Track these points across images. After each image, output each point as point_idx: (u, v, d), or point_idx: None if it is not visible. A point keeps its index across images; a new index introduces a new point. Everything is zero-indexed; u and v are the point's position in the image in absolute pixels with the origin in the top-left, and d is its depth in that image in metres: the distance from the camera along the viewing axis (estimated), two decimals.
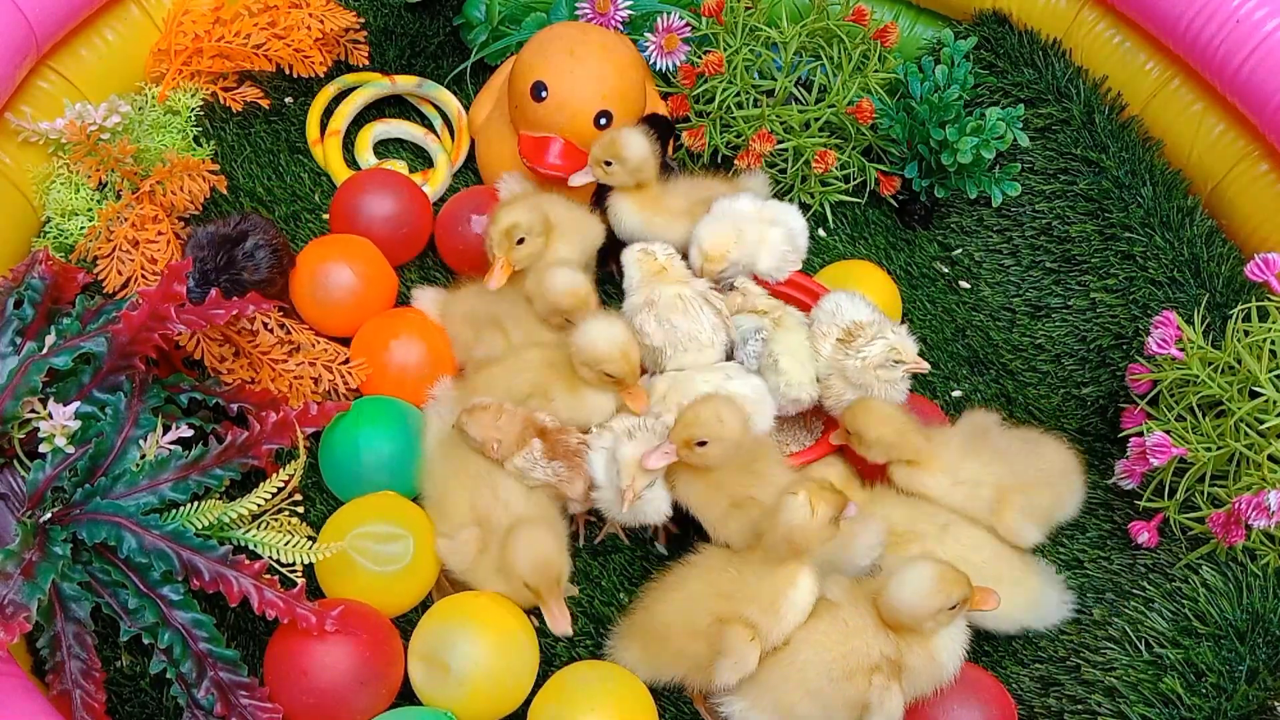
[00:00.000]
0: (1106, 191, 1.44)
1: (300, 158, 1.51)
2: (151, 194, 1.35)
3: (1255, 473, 1.13)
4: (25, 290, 1.17)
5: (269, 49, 1.47)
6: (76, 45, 1.41)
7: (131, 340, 1.09)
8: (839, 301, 1.25)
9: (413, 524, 1.14)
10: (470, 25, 1.58)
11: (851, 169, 1.53)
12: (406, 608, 1.16)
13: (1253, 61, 1.32)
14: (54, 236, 1.35)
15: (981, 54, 1.57)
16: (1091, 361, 1.38)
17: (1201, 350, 1.19)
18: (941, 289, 1.48)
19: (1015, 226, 1.48)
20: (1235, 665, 1.10)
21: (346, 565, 1.11)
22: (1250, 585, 1.15)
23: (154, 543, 1.02)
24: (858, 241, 1.53)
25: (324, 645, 1.04)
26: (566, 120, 1.37)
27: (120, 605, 1.04)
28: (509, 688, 1.08)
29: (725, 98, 1.48)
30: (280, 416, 1.12)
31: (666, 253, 1.28)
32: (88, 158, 1.36)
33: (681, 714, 1.15)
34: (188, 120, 1.46)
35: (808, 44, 1.52)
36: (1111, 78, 1.53)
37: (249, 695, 1.02)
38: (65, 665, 1.02)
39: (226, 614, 1.14)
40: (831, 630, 1.04)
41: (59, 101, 1.37)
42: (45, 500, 1.05)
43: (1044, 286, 1.44)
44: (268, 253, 1.26)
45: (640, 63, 1.46)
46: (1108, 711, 1.10)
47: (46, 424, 1.05)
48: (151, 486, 1.06)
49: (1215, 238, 1.42)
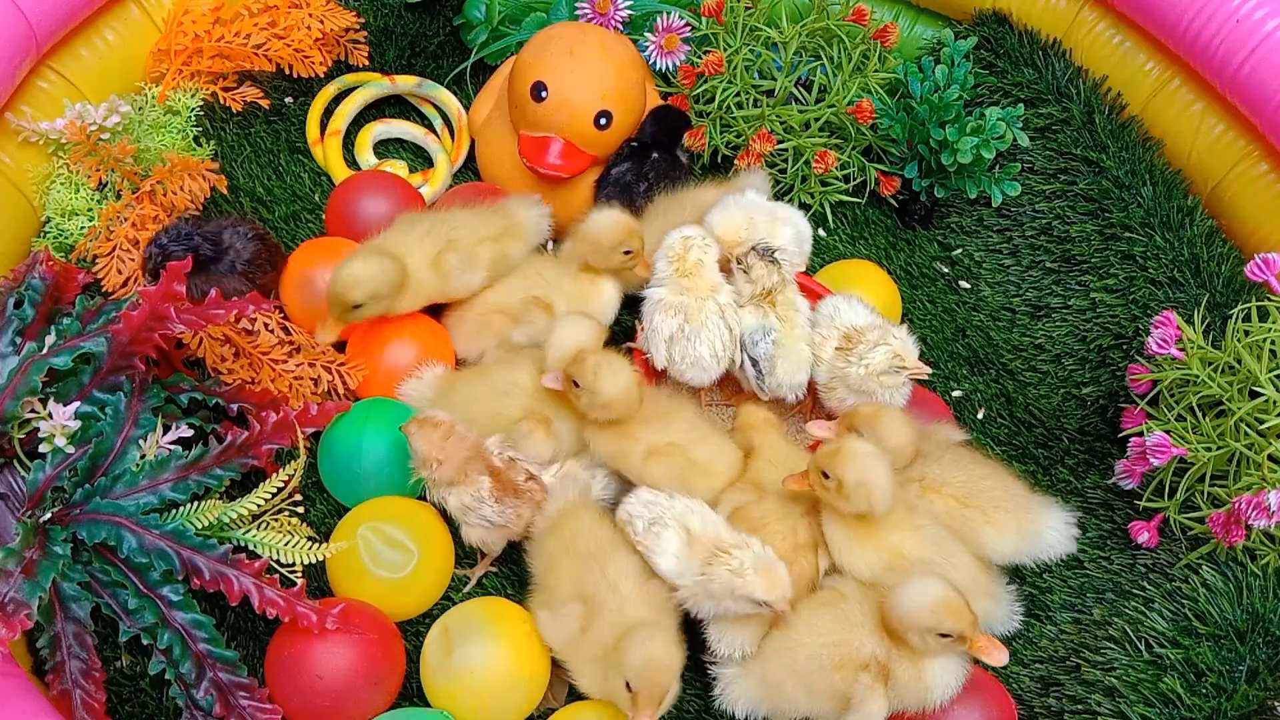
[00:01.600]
0: (1106, 191, 1.44)
1: (300, 158, 1.51)
2: (151, 194, 1.35)
3: (1255, 473, 1.13)
4: (25, 290, 1.17)
5: (269, 49, 1.46)
6: (76, 45, 1.41)
7: (132, 340, 1.09)
8: (837, 305, 1.24)
9: (424, 534, 1.14)
10: (470, 25, 1.58)
11: (851, 169, 1.53)
12: (412, 613, 1.16)
13: (1253, 61, 1.32)
14: (54, 236, 1.35)
15: (981, 54, 1.57)
16: (1091, 361, 1.38)
17: (1201, 350, 1.19)
18: (941, 289, 1.48)
19: (1015, 226, 1.48)
20: (1235, 665, 1.10)
21: (354, 563, 1.12)
22: (1250, 585, 1.15)
23: (154, 542, 1.02)
24: (858, 241, 1.53)
25: (324, 645, 1.04)
26: (566, 120, 1.37)
27: (120, 605, 1.04)
28: (498, 702, 1.07)
29: (725, 98, 1.48)
30: (280, 416, 1.12)
31: (705, 244, 1.23)
32: (88, 158, 1.36)
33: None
34: (188, 120, 1.46)
35: (808, 44, 1.52)
36: (1111, 78, 1.53)
37: (248, 696, 1.02)
38: (65, 665, 1.02)
39: (226, 614, 1.14)
40: (831, 618, 1.04)
41: (59, 101, 1.37)
42: (45, 500, 1.05)
43: (1044, 286, 1.44)
44: (244, 254, 1.27)
45: (640, 63, 1.46)
46: (1108, 711, 1.10)
47: (46, 424, 1.05)
48: (151, 487, 1.06)
49: (1215, 238, 1.42)
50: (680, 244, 1.23)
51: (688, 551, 1.05)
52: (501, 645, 1.06)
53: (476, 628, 1.07)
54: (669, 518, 1.07)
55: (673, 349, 1.20)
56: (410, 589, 1.13)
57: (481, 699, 1.05)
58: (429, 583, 1.15)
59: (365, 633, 1.06)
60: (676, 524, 1.06)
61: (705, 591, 1.04)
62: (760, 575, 1.01)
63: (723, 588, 1.02)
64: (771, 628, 1.06)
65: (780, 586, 1.01)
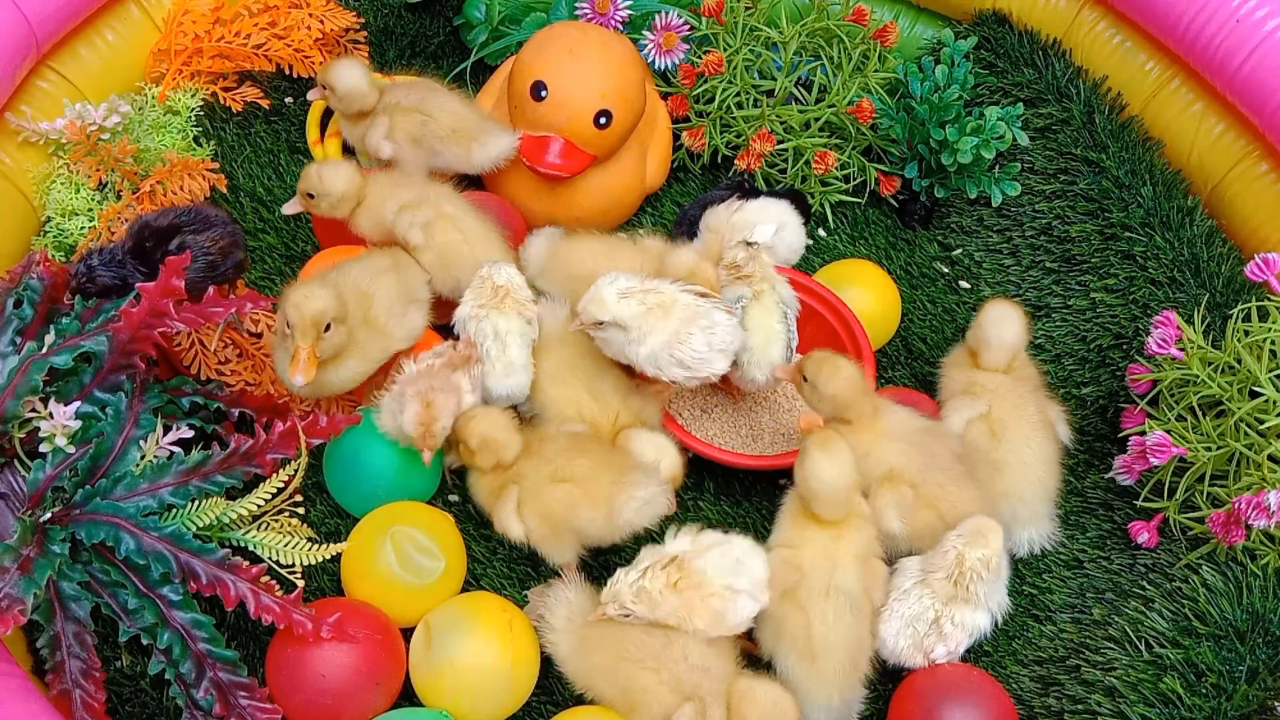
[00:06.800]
0: (1106, 191, 1.44)
1: (300, 158, 1.51)
2: (151, 194, 1.35)
3: (1255, 473, 1.13)
4: (24, 290, 1.16)
5: (269, 49, 1.47)
6: (76, 45, 1.41)
7: (132, 337, 1.09)
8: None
9: (449, 542, 1.15)
10: (470, 25, 1.58)
11: (851, 169, 1.53)
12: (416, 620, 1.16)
13: (1253, 61, 1.32)
14: (54, 236, 1.35)
15: (981, 54, 1.57)
16: (1091, 361, 1.38)
17: (1201, 350, 1.19)
18: (941, 289, 1.48)
19: (1015, 226, 1.48)
20: (1235, 665, 1.10)
21: (378, 566, 1.11)
22: (1250, 585, 1.15)
23: (152, 544, 1.02)
24: (858, 241, 1.53)
25: (326, 645, 1.04)
26: (566, 120, 1.36)
27: (120, 605, 1.04)
28: (481, 692, 1.07)
29: (725, 98, 1.48)
30: (287, 426, 1.10)
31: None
32: (88, 158, 1.36)
33: None
34: (188, 120, 1.46)
35: (808, 44, 1.52)
36: (1111, 78, 1.53)
37: (248, 695, 1.02)
38: (65, 665, 1.02)
39: (226, 614, 1.14)
40: (662, 629, 1.04)
41: (59, 101, 1.37)
42: (45, 500, 1.05)
43: (1044, 286, 1.44)
44: (199, 253, 1.22)
45: (640, 62, 1.46)
46: (1108, 711, 1.10)
47: (47, 424, 1.05)
48: (152, 490, 1.06)
49: (1215, 238, 1.42)
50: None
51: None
52: (480, 636, 1.06)
53: (455, 620, 1.07)
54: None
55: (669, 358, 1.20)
56: (433, 596, 1.13)
57: (464, 689, 1.05)
58: (449, 591, 1.15)
59: (365, 635, 1.06)
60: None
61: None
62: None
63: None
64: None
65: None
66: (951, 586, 1.07)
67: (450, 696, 1.06)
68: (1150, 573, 1.20)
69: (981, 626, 1.09)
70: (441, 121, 1.37)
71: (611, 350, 1.19)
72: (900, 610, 1.09)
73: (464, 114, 1.38)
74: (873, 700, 1.13)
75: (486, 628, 1.06)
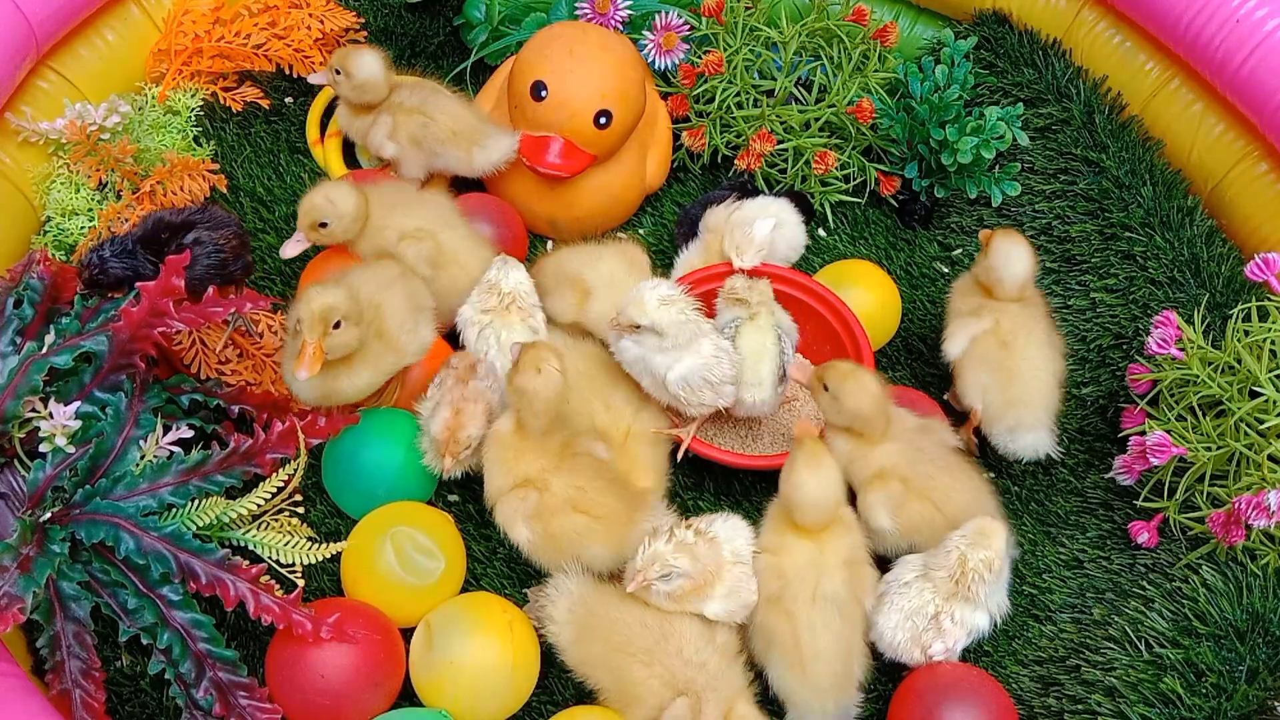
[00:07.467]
0: (1106, 191, 1.44)
1: (300, 158, 1.51)
2: (151, 194, 1.35)
3: (1255, 473, 1.13)
4: (24, 290, 1.16)
5: (269, 49, 1.47)
6: (76, 45, 1.41)
7: (132, 337, 1.09)
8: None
9: (449, 544, 1.15)
10: (470, 25, 1.58)
11: (851, 169, 1.53)
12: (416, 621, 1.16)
13: (1253, 61, 1.32)
14: (54, 236, 1.35)
15: (981, 54, 1.57)
16: (1091, 361, 1.38)
17: (1201, 350, 1.19)
18: (941, 289, 1.48)
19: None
20: (1235, 665, 1.10)
21: (378, 566, 1.11)
22: (1250, 585, 1.15)
23: (152, 544, 1.02)
24: (858, 241, 1.53)
25: (326, 645, 1.04)
26: (566, 120, 1.37)
27: (120, 605, 1.04)
28: (482, 691, 1.07)
29: (725, 98, 1.48)
30: (286, 426, 1.10)
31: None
32: (88, 158, 1.36)
33: None
34: (188, 120, 1.46)
35: (808, 44, 1.52)
36: (1111, 78, 1.53)
37: (248, 695, 1.02)
38: (65, 665, 1.02)
39: (226, 614, 1.14)
40: (659, 623, 1.06)
41: (59, 101, 1.37)
42: (45, 500, 1.05)
43: (1044, 286, 1.44)
44: (212, 249, 1.23)
45: (640, 62, 1.46)
46: (1108, 711, 1.10)
47: (47, 424, 1.05)
48: (151, 490, 1.06)
49: (1215, 238, 1.42)
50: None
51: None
52: (480, 636, 1.06)
53: (455, 621, 1.07)
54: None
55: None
56: (433, 596, 1.13)
57: (464, 690, 1.05)
58: (449, 591, 1.15)
59: (365, 635, 1.06)
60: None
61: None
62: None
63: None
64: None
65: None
66: (953, 585, 1.07)
67: (450, 696, 1.06)
68: (1150, 573, 1.20)
69: (980, 627, 1.09)
70: (442, 124, 1.37)
71: (628, 361, 1.19)
72: (900, 603, 1.09)
73: (465, 117, 1.39)
74: (872, 700, 1.13)
75: (486, 628, 1.06)
